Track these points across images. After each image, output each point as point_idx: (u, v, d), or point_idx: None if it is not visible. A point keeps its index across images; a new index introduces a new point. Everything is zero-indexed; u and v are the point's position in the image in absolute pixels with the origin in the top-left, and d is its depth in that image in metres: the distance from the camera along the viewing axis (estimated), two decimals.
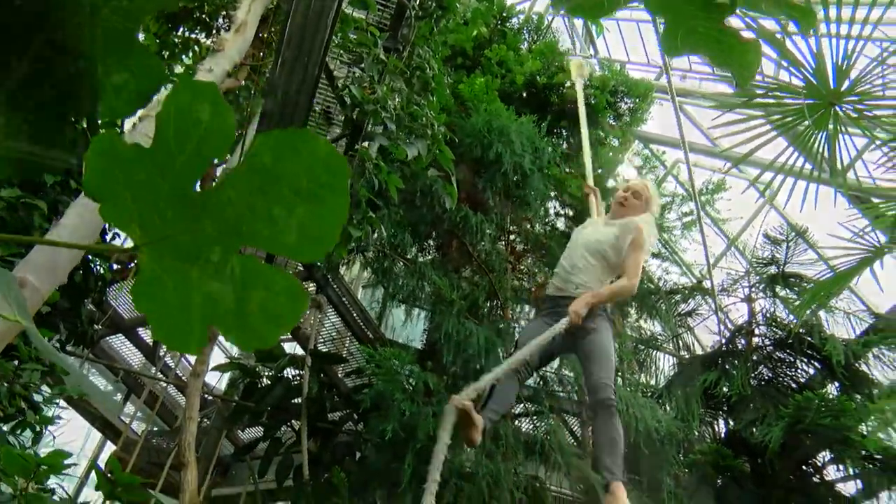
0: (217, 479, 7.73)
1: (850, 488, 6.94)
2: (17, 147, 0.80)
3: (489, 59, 9.81)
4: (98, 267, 5.78)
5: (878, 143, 4.70)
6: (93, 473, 8.99)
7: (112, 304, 7.93)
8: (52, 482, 4.26)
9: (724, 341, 8.07)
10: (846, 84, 4.37)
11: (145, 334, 8.82)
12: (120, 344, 8.93)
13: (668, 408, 7.34)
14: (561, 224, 9.43)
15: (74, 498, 6.87)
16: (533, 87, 9.88)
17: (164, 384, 8.85)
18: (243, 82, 6.76)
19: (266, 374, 7.19)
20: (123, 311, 8.24)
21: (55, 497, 4.08)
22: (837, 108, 4.45)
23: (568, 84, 7.13)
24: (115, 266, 6.49)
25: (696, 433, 7.31)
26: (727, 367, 7.64)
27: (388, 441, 5.88)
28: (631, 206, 4.66)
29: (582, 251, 4.44)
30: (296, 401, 6.88)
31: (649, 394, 7.77)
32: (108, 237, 6.01)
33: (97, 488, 4.55)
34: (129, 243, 0.86)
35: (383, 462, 6.13)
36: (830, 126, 4.51)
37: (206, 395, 7.36)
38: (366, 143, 5.46)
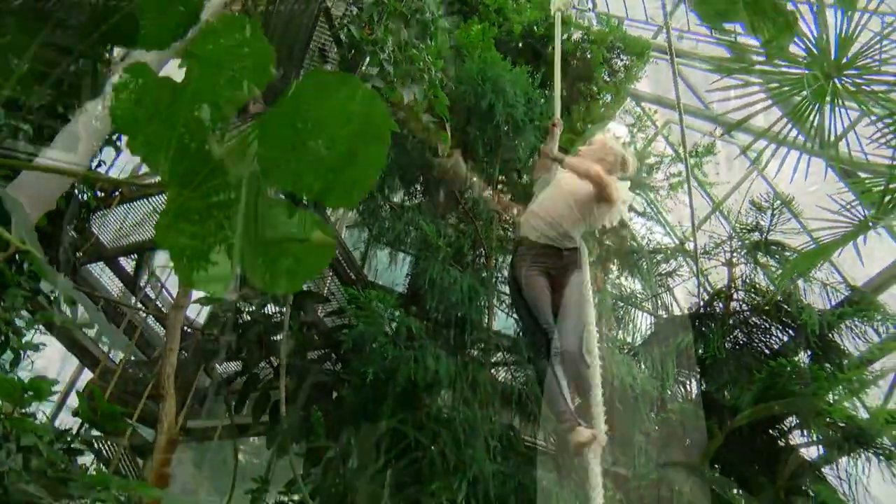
0: (194, 409, 7.78)
1: (812, 453, 7.14)
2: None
3: (487, 7, 9.65)
4: (83, 194, 5.71)
5: (872, 118, 4.69)
6: (69, 399, 9.04)
7: (94, 231, 7.85)
8: (32, 407, 4.27)
9: (702, 304, 8.16)
10: (846, 57, 4.34)
11: (126, 263, 8.77)
12: (100, 272, 8.87)
13: (643, 366, 7.44)
14: None
15: (51, 422, 6.90)
16: (530, 38, 9.75)
17: (144, 314, 8.84)
18: (237, 13, 6.60)
19: (247, 309, 7.18)
20: (106, 240, 8.17)
21: (36, 422, 4.09)
22: (836, 81, 4.43)
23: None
24: (99, 193, 6.42)
25: (670, 392, 7.44)
26: (704, 329, 7.74)
27: (368, 383, 5.93)
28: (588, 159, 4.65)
29: (568, 199, 4.43)
30: (275, 338, 6.90)
31: (626, 351, 7.87)
32: (94, 164, 5.94)
33: (74, 414, 4.56)
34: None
35: (361, 403, 6.18)
36: (828, 98, 4.50)
37: (186, 328, 7.36)
38: None
